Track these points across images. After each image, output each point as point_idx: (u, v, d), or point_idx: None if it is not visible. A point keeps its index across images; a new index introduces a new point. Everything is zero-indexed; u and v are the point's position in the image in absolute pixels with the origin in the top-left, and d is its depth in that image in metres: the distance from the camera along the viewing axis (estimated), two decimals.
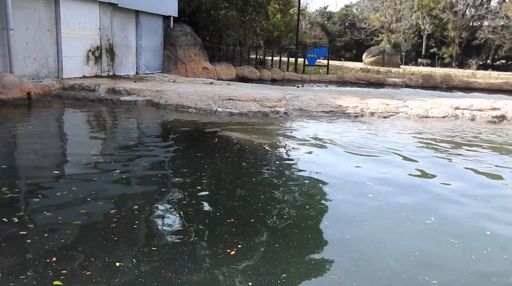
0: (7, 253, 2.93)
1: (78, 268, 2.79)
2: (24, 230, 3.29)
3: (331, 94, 11.85)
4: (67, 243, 3.11)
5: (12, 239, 3.15)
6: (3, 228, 3.29)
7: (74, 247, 3.07)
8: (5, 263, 2.80)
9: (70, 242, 3.14)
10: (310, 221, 3.86)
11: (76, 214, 3.67)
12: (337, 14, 54.17)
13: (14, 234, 3.22)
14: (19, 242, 3.11)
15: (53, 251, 2.97)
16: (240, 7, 20.49)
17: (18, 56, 9.98)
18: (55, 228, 3.35)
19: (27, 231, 3.28)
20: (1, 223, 3.37)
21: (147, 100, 10.13)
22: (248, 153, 6.21)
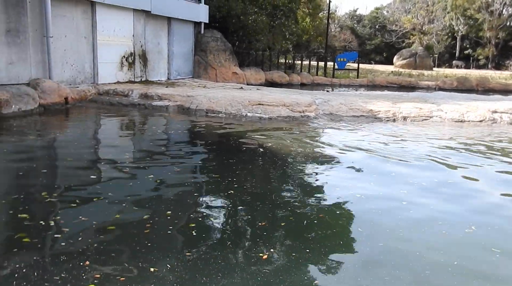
0: (43, 255, 3.03)
1: (112, 272, 2.84)
2: (59, 233, 3.38)
3: (361, 99, 11.70)
4: (101, 248, 3.18)
5: (48, 242, 3.25)
6: (40, 231, 3.40)
7: (108, 252, 3.13)
8: (41, 264, 2.89)
9: (104, 246, 3.21)
10: (342, 227, 3.82)
11: (110, 218, 3.75)
12: (367, 17, 53.51)
13: (49, 237, 3.32)
14: (54, 245, 3.20)
15: (87, 255, 3.04)
16: (270, 12, 20.57)
17: (57, 63, 10.37)
18: (89, 232, 3.43)
19: (62, 234, 3.37)
20: (38, 226, 3.49)
21: (178, 105, 10.31)
22: (278, 158, 6.21)
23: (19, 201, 4.04)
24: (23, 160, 5.66)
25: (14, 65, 9.25)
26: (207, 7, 17.17)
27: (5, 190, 4.37)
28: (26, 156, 5.87)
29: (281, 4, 20.12)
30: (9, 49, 9.09)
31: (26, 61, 9.55)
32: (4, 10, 8.87)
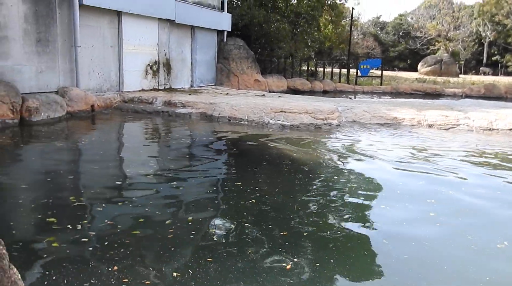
0: (71, 260, 3.08)
1: (138, 277, 2.87)
2: (86, 237, 3.45)
3: (385, 106, 11.54)
4: (127, 252, 3.22)
5: (76, 246, 3.30)
6: (68, 235, 3.47)
7: (134, 256, 3.17)
8: (70, 270, 2.94)
9: (129, 251, 3.25)
10: (365, 238, 3.74)
11: (135, 223, 3.81)
12: (390, 24, 52.98)
13: (77, 241, 3.38)
14: (81, 249, 3.26)
15: (114, 260, 3.08)
16: (292, 19, 20.62)
17: (84, 71, 10.64)
18: (115, 236, 3.49)
19: (89, 238, 3.44)
20: (66, 230, 3.56)
21: (201, 112, 10.40)
22: (301, 166, 6.17)
23: (47, 205, 4.14)
24: (51, 165, 5.81)
25: (44, 74, 9.54)
26: (230, 15, 17.35)
27: (34, 195, 4.48)
28: (54, 162, 6.02)
29: (304, 11, 20.15)
30: (39, 59, 9.39)
31: (55, 70, 9.84)
32: (35, 21, 9.18)
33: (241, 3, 19.38)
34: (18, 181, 5.06)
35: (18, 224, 3.70)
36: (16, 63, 8.87)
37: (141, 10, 12.24)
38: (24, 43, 9.00)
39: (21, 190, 4.66)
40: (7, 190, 4.67)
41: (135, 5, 11.95)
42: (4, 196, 4.45)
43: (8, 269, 1.39)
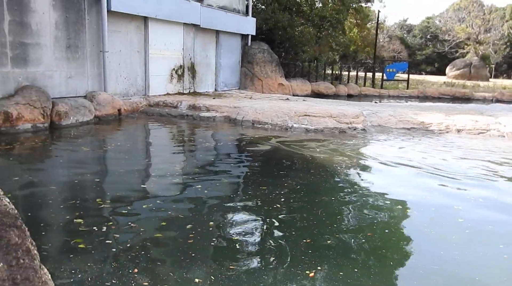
0: (95, 260, 3.14)
1: (159, 281, 2.89)
2: (110, 239, 3.51)
3: (412, 110, 11.31)
4: (148, 255, 3.25)
5: (100, 247, 3.37)
6: (93, 236, 3.54)
7: (155, 260, 3.19)
8: (93, 269, 3.00)
9: (151, 254, 3.28)
10: (391, 246, 3.65)
11: (157, 226, 3.84)
12: (417, 27, 52.03)
13: (101, 243, 3.44)
14: (105, 250, 3.32)
15: (135, 262, 3.12)
16: (317, 23, 20.52)
17: (111, 76, 10.88)
18: (137, 239, 3.53)
19: (112, 240, 3.50)
20: (91, 232, 3.63)
21: (225, 116, 10.45)
22: (326, 171, 6.10)
23: (75, 206, 4.23)
24: (79, 168, 5.95)
25: (73, 79, 9.81)
26: (254, 19, 17.42)
27: (63, 196, 4.59)
28: (81, 165, 6.16)
29: (329, 15, 20.02)
30: (68, 64, 9.66)
31: (84, 75, 10.10)
32: (65, 27, 9.46)
33: (266, 8, 19.44)
34: (49, 182, 5.19)
35: (48, 225, 3.80)
36: (47, 69, 9.15)
37: (167, 15, 12.43)
38: (54, 50, 9.27)
39: (51, 191, 4.78)
40: (38, 192, 4.80)
41: (162, 11, 12.15)
42: (35, 197, 4.58)
43: (39, 269, 1.42)
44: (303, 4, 20.31)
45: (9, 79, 8.33)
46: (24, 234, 1.36)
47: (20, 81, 8.53)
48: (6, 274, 1.18)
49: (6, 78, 8.28)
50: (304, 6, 20.15)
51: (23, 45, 8.57)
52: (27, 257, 1.32)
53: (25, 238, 1.35)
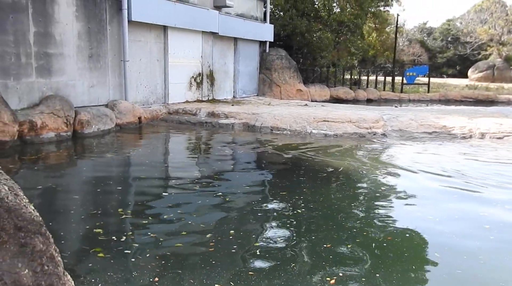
0: (115, 269, 3.16)
1: None
2: (129, 249, 3.52)
3: (433, 114, 11.11)
4: (168, 264, 3.25)
5: (119, 256, 3.39)
6: (112, 246, 3.57)
7: (175, 268, 3.19)
8: (114, 279, 3.02)
9: (170, 263, 3.28)
10: (413, 251, 3.59)
11: (178, 235, 3.85)
12: (438, 29, 51.22)
13: (120, 252, 3.46)
14: (124, 260, 3.33)
15: (155, 272, 3.12)
16: (335, 28, 20.45)
17: (132, 85, 11.07)
18: (157, 248, 3.54)
19: (131, 250, 3.51)
20: (111, 241, 3.66)
21: (244, 123, 10.49)
22: (346, 176, 6.05)
23: (96, 216, 4.29)
24: (100, 177, 6.05)
25: (95, 88, 10.02)
26: (272, 26, 17.48)
27: (85, 205, 4.67)
28: (103, 173, 6.27)
29: (347, 20, 19.93)
30: (90, 74, 9.88)
31: (105, 84, 10.30)
32: (88, 38, 9.69)
33: (283, 14, 19.49)
34: (71, 191, 5.30)
35: (69, 234, 3.86)
36: (70, 78, 9.38)
37: (186, 24, 12.60)
38: (77, 59, 9.50)
39: (73, 200, 4.88)
40: (61, 200, 4.90)
41: (180, 19, 12.32)
42: (57, 206, 4.68)
43: (62, 275, 1.45)
44: (321, 9, 20.29)
45: (34, 89, 8.57)
46: (48, 241, 1.38)
47: (44, 91, 8.77)
48: (31, 280, 1.21)
49: (31, 88, 8.52)
50: (322, 12, 20.12)
51: (47, 55, 8.81)
52: (51, 264, 1.35)
53: (49, 244, 1.38)
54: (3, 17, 7.84)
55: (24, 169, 6.25)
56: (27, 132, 7.71)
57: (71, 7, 9.20)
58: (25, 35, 8.29)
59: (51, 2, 8.76)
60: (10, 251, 1.17)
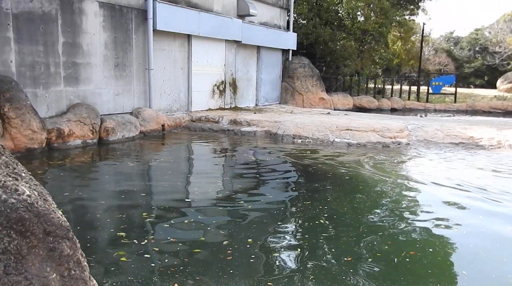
0: (134, 273, 3.19)
1: None
2: (148, 253, 3.55)
3: (460, 124, 10.85)
4: (186, 270, 3.26)
5: (139, 260, 3.42)
6: (132, 250, 3.60)
7: (193, 274, 3.19)
8: (133, 283, 3.05)
9: (188, 269, 3.28)
10: (437, 266, 3.48)
11: (196, 242, 3.86)
12: (465, 39, 50.25)
13: (140, 256, 3.49)
14: (144, 264, 3.36)
15: (175, 277, 3.13)
16: (359, 37, 20.32)
17: (156, 93, 11.26)
18: (176, 254, 3.56)
19: (151, 254, 3.54)
20: (132, 244, 3.70)
21: (266, 130, 10.49)
22: (368, 187, 5.95)
23: (121, 220, 4.36)
24: (125, 183, 6.14)
25: (120, 96, 10.23)
26: (295, 34, 17.51)
27: (110, 210, 4.75)
28: (128, 179, 6.37)
29: (371, 28, 19.78)
30: (116, 82, 10.10)
31: (130, 92, 10.51)
32: (114, 47, 9.92)
33: (307, 23, 19.50)
34: (97, 197, 5.40)
35: (93, 237, 3.92)
36: (97, 87, 9.61)
37: (209, 33, 12.76)
38: (104, 68, 9.74)
39: (100, 205, 4.96)
40: (88, 206, 5.00)
41: (204, 28, 12.49)
42: (84, 211, 4.77)
43: (88, 280, 1.46)
44: (345, 18, 20.21)
45: (61, 98, 8.82)
46: (75, 245, 1.41)
47: (71, 99, 9.01)
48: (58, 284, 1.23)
49: (59, 97, 8.77)
50: (346, 20, 20.04)
51: (75, 65, 9.06)
52: (78, 268, 1.36)
53: (76, 249, 1.40)
54: (34, 28, 8.13)
55: (52, 175, 6.41)
56: (55, 140, 7.92)
57: (99, 18, 9.46)
58: (54, 45, 8.56)
59: (80, 13, 9.02)
60: (39, 255, 1.19)
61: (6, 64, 7.74)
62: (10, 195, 1.18)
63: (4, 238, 1.11)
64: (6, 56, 7.74)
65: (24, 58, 8.03)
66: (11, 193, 1.20)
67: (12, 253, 1.11)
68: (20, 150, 7.18)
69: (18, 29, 7.86)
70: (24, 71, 8.05)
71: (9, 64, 7.80)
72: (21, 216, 1.17)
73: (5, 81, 7.27)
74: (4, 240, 1.11)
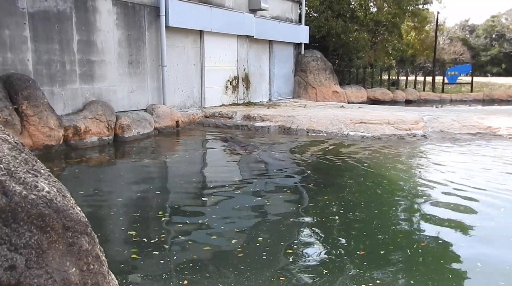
0: (145, 271, 3.22)
1: None
2: (157, 250, 3.57)
3: (477, 114, 10.66)
4: (196, 267, 3.26)
5: (149, 258, 3.44)
6: (143, 247, 3.63)
7: (203, 272, 3.20)
8: (144, 280, 3.08)
9: (198, 266, 3.28)
10: (450, 258, 3.44)
11: (207, 239, 3.87)
12: (481, 27, 49.23)
13: (150, 254, 3.51)
14: (154, 262, 3.38)
15: (184, 274, 3.14)
16: (372, 28, 20.08)
17: (170, 89, 11.32)
18: (186, 251, 3.57)
19: (160, 251, 3.56)
20: (141, 242, 3.73)
21: (280, 125, 10.48)
22: (385, 180, 5.91)
23: (134, 217, 4.41)
24: (140, 180, 6.21)
25: (134, 93, 10.33)
26: (307, 28, 17.39)
27: (125, 208, 4.81)
28: (143, 177, 6.44)
29: (384, 19, 19.51)
30: (130, 79, 10.19)
31: (144, 89, 10.60)
32: (128, 44, 10.01)
33: (319, 15, 19.34)
34: (112, 193, 5.48)
35: (107, 233, 3.98)
36: (112, 84, 9.71)
37: (221, 28, 12.76)
38: (118, 66, 9.83)
39: (116, 203, 5.03)
40: (104, 203, 5.07)
41: (217, 24, 12.49)
42: (100, 209, 4.85)
43: (107, 274, 1.49)
44: (357, 9, 19.98)
45: (77, 95, 8.94)
46: (93, 240, 1.43)
47: (87, 96, 9.13)
48: (78, 278, 1.26)
49: (75, 94, 8.89)
50: (358, 12, 19.81)
51: (90, 62, 9.17)
52: (97, 263, 1.39)
53: (95, 244, 1.43)
54: (49, 27, 8.24)
55: (69, 172, 6.52)
56: (72, 137, 8.05)
57: (112, 15, 9.54)
58: (69, 44, 8.67)
59: (93, 11, 9.11)
60: (59, 250, 1.22)
61: (23, 63, 7.88)
62: (30, 191, 1.21)
63: (25, 233, 1.14)
64: (24, 55, 7.87)
65: (41, 56, 8.16)
66: (31, 189, 1.23)
67: (33, 248, 1.14)
68: (38, 147, 7.32)
69: (34, 28, 7.98)
70: (40, 70, 8.18)
71: (26, 63, 7.93)
72: (41, 212, 1.20)
73: (22, 80, 7.41)
74: (26, 234, 1.14)
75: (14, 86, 7.22)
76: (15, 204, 1.14)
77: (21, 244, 1.12)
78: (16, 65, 7.75)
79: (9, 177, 1.20)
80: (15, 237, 1.11)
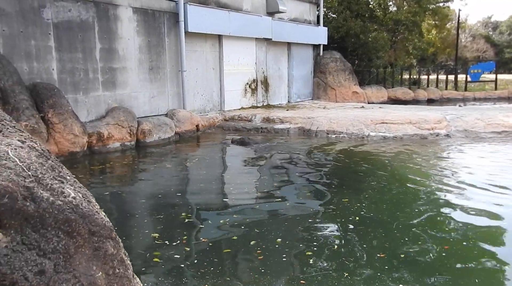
0: (166, 275, 3.23)
1: None
2: (178, 254, 3.59)
3: (502, 112, 10.39)
4: (217, 271, 3.26)
5: (169, 261, 3.46)
6: (166, 250, 3.66)
7: (224, 274, 3.20)
8: (164, 283, 3.10)
9: (219, 270, 3.29)
10: (475, 265, 3.34)
11: (228, 241, 3.88)
12: (505, 23, 47.96)
13: (171, 257, 3.54)
14: (174, 265, 3.40)
15: (205, 277, 3.15)
16: (391, 27, 19.83)
17: (189, 94, 11.44)
18: (206, 254, 3.58)
19: (181, 254, 3.58)
20: (163, 245, 3.76)
21: (299, 127, 10.44)
22: (408, 182, 5.82)
23: (158, 220, 4.47)
24: (162, 183, 6.29)
25: (155, 98, 10.48)
26: (326, 29, 17.31)
27: (148, 211, 4.88)
28: (164, 180, 6.52)
29: (404, 18, 19.24)
30: (151, 85, 10.35)
31: (165, 94, 10.74)
32: (148, 51, 10.17)
33: (337, 16, 19.23)
34: (136, 197, 5.56)
35: (130, 237, 4.04)
36: (133, 90, 9.88)
37: (240, 32, 12.82)
38: (139, 72, 10.00)
39: (140, 205, 5.11)
40: (127, 207, 5.16)
41: (235, 28, 12.56)
42: (124, 212, 4.93)
43: (132, 278, 1.52)
44: (376, 9, 19.77)
45: (100, 102, 9.13)
46: (118, 245, 1.47)
47: (109, 103, 9.31)
48: (104, 282, 1.28)
49: (98, 101, 9.09)
50: (378, 11, 19.60)
51: (112, 69, 9.35)
52: (122, 267, 1.42)
53: (120, 248, 1.46)
54: (73, 36, 8.46)
55: (94, 177, 6.66)
56: (95, 143, 8.22)
57: (132, 23, 9.72)
58: (92, 52, 8.87)
59: (115, 19, 9.30)
60: (86, 254, 1.26)
61: (48, 72, 8.10)
62: (57, 197, 1.25)
63: (53, 238, 1.18)
64: (49, 64, 8.10)
65: (65, 65, 8.37)
66: (57, 195, 1.26)
67: (61, 252, 1.18)
68: (64, 154, 7.50)
69: (58, 38, 8.20)
70: (65, 78, 8.40)
71: (51, 72, 8.15)
72: (67, 217, 1.23)
73: (48, 89, 7.62)
74: (53, 240, 1.17)
75: (40, 95, 7.43)
76: (43, 210, 1.18)
77: (49, 249, 1.15)
78: (42, 74, 7.98)
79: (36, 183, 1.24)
80: (44, 242, 1.15)
